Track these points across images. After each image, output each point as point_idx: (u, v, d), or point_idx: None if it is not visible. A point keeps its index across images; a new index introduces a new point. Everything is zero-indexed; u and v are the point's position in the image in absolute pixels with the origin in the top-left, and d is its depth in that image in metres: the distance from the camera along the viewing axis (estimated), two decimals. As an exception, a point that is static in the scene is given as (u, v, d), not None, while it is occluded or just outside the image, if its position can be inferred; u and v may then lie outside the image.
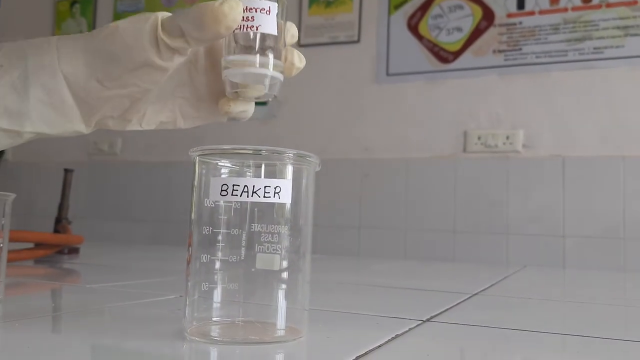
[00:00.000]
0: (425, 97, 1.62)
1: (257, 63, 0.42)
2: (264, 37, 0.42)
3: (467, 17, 1.60)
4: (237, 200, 0.41)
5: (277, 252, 0.41)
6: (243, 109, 0.47)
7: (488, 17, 1.58)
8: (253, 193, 0.40)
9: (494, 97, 1.55)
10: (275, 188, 0.41)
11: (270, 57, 0.43)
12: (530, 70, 1.52)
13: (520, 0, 1.55)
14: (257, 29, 0.42)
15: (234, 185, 0.40)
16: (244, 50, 0.42)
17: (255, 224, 0.41)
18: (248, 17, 0.42)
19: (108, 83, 0.43)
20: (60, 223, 1.29)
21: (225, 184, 0.40)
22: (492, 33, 1.57)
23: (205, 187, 0.41)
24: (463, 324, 0.55)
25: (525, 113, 1.52)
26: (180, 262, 0.55)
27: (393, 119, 1.64)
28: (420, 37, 1.64)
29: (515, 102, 1.53)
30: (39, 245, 1.11)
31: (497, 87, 1.55)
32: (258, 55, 0.42)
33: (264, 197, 0.40)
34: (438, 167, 1.58)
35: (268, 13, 0.42)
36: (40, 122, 0.43)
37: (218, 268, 0.41)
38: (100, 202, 1.96)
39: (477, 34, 1.59)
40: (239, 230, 0.41)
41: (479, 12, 1.59)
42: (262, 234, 0.41)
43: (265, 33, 0.42)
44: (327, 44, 1.73)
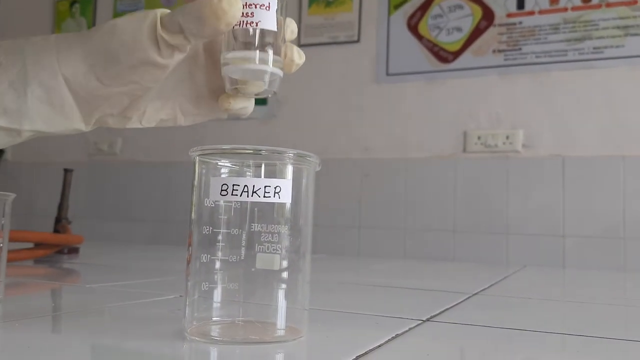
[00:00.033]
0: (425, 97, 1.62)
1: (256, 59, 0.42)
2: (264, 33, 0.42)
3: (467, 17, 1.60)
4: (237, 200, 0.41)
5: (277, 252, 0.41)
6: (243, 105, 0.47)
7: (488, 16, 1.58)
8: (253, 193, 0.40)
9: (494, 97, 1.55)
10: (275, 188, 0.41)
11: (270, 53, 0.43)
12: (530, 70, 1.52)
13: (520, 0, 1.55)
14: (256, 25, 0.42)
15: (234, 185, 0.40)
16: (244, 47, 0.42)
17: (255, 224, 0.41)
18: (247, 13, 0.41)
19: (108, 81, 0.43)
20: (60, 223, 1.29)
21: (225, 184, 0.40)
22: (492, 33, 1.57)
23: (205, 187, 0.41)
24: (463, 324, 0.55)
25: (525, 113, 1.52)
26: (180, 261, 0.55)
27: (393, 119, 1.64)
28: (420, 37, 1.64)
29: (515, 102, 1.53)
30: (39, 245, 1.11)
31: (497, 87, 1.55)
32: (257, 52, 0.42)
33: (264, 197, 0.40)
34: (438, 167, 1.58)
35: (267, 9, 0.42)
36: (39, 120, 0.43)
37: (218, 268, 0.41)
38: (100, 202, 1.96)
39: (477, 34, 1.59)
40: (239, 230, 0.41)
41: (479, 11, 1.59)
42: (262, 234, 0.41)
43: (265, 29, 0.42)
44: (326, 44, 1.73)
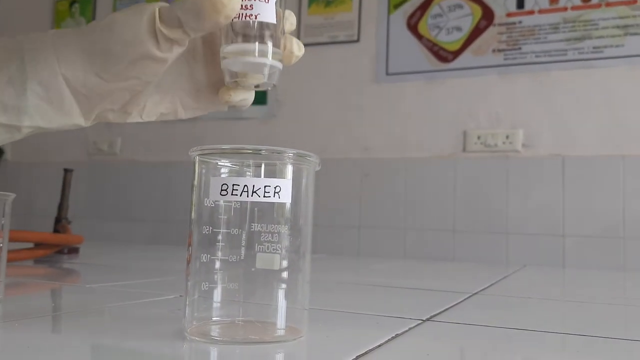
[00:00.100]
0: (425, 96, 1.62)
1: (256, 52, 0.42)
2: (263, 25, 0.42)
3: (466, 16, 1.60)
4: (237, 200, 0.41)
5: (277, 251, 0.41)
6: (243, 97, 0.47)
7: (488, 16, 1.58)
8: (253, 193, 0.40)
9: (494, 96, 1.55)
10: (275, 188, 0.41)
11: (269, 45, 0.42)
12: (530, 70, 1.52)
13: (520, 0, 1.55)
14: (255, 18, 0.41)
15: (234, 185, 0.40)
16: (243, 39, 0.42)
17: (255, 224, 0.41)
18: (247, 5, 0.41)
19: (107, 77, 0.42)
20: (60, 223, 1.29)
21: (225, 184, 0.40)
22: (491, 32, 1.57)
23: (205, 186, 0.41)
24: (463, 324, 0.55)
25: (525, 112, 1.52)
26: (180, 261, 0.55)
27: (393, 119, 1.64)
28: (420, 36, 1.64)
29: (515, 101, 1.53)
30: (39, 245, 1.11)
31: (496, 86, 1.55)
32: (257, 44, 0.42)
33: (264, 196, 0.40)
34: (438, 166, 1.58)
35: (267, 1, 0.42)
36: (39, 117, 0.43)
37: (218, 268, 0.41)
38: (100, 202, 1.96)
39: (476, 34, 1.59)
40: (239, 230, 0.41)
41: (479, 11, 1.59)
42: (262, 234, 0.41)
43: (264, 22, 0.42)
44: (326, 44, 1.73)
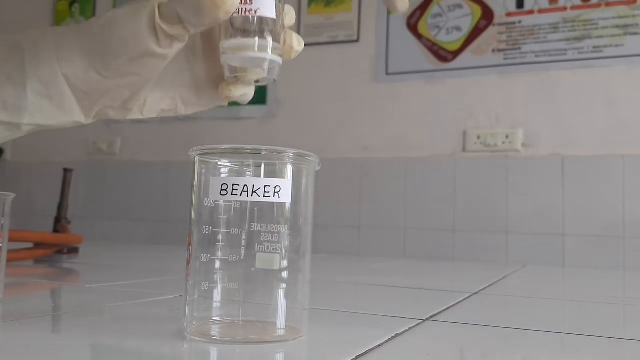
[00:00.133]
0: (425, 96, 1.62)
1: (255, 47, 0.42)
2: (263, 20, 0.42)
3: (466, 16, 1.60)
4: (237, 200, 0.41)
5: (277, 251, 0.41)
6: (243, 93, 0.47)
7: (487, 16, 1.58)
8: (253, 192, 0.40)
9: (494, 96, 1.55)
10: (275, 187, 0.41)
11: (269, 40, 0.42)
12: (530, 70, 1.52)
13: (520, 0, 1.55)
14: (255, 13, 0.41)
15: (234, 185, 0.40)
16: (243, 34, 0.42)
17: (255, 224, 0.41)
18: (246, 0, 0.41)
19: (107, 74, 0.42)
20: (60, 223, 1.29)
21: (225, 184, 0.40)
22: (491, 32, 1.57)
23: (205, 186, 0.41)
24: (463, 323, 0.55)
25: (525, 112, 1.52)
26: (180, 261, 0.55)
27: (392, 119, 1.64)
28: (420, 36, 1.64)
29: (515, 101, 1.53)
30: (39, 245, 1.11)
31: (496, 86, 1.55)
32: (257, 39, 0.42)
33: (264, 196, 0.40)
34: (437, 166, 1.58)
35: None
36: (39, 114, 0.43)
37: (218, 267, 0.41)
38: (100, 201, 1.96)
39: (476, 33, 1.59)
40: (239, 230, 0.41)
41: (479, 11, 1.59)
42: (262, 234, 0.41)
43: (264, 17, 0.42)
44: (326, 44, 1.73)
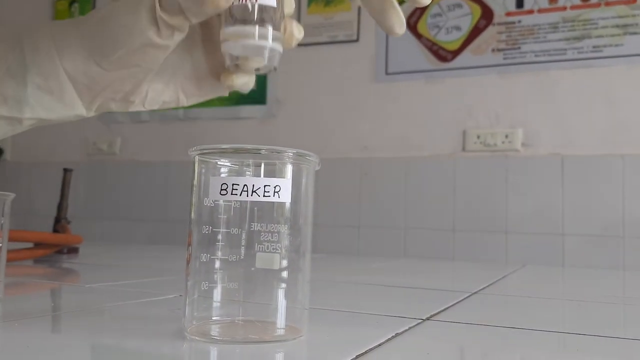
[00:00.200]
0: (424, 96, 1.62)
1: (256, 35, 0.42)
2: (263, 8, 0.42)
3: (466, 15, 1.60)
4: (236, 200, 0.41)
5: (277, 251, 0.41)
6: (244, 81, 0.46)
7: (487, 15, 1.58)
8: (253, 192, 0.40)
9: (493, 96, 1.55)
10: (275, 187, 0.41)
11: (269, 28, 0.42)
12: (529, 69, 1.52)
13: (519, -1, 1.55)
14: (255, 1, 0.41)
15: (234, 185, 0.40)
16: (243, 22, 0.42)
17: (255, 223, 0.41)
18: None
19: (108, 66, 0.42)
20: (60, 223, 1.29)
21: (225, 183, 0.40)
22: (491, 32, 1.57)
23: (205, 186, 0.41)
24: (463, 323, 0.55)
25: (524, 112, 1.52)
26: (180, 261, 0.55)
27: (392, 118, 1.64)
28: (419, 36, 1.64)
29: (514, 100, 1.53)
30: (38, 245, 1.11)
31: (496, 86, 1.55)
32: (257, 27, 0.42)
33: (264, 196, 0.40)
34: (437, 166, 1.58)
35: None
36: (40, 108, 0.43)
37: (218, 267, 0.41)
38: (100, 201, 1.96)
39: (476, 33, 1.59)
40: (239, 230, 0.41)
41: (478, 10, 1.59)
42: (261, 233, 0.41)
43: (264, 5, 0.42)
44: (326, 43, 1.73)
